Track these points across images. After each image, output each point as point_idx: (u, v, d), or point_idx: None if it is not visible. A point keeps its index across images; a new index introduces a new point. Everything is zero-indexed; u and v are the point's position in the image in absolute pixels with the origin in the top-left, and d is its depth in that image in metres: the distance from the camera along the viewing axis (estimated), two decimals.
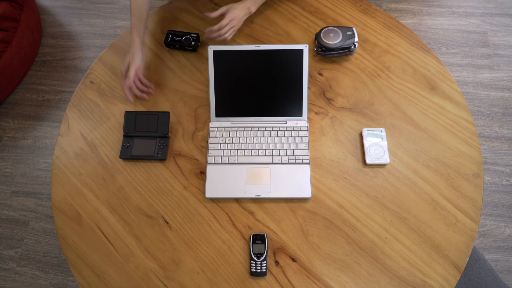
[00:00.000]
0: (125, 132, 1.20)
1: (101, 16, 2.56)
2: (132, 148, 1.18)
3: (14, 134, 2.21)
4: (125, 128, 1.20)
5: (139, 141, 1.19)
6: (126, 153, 1.18)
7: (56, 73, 2.38)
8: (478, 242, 1.84)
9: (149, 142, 1.19)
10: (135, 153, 1.18)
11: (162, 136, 1.19)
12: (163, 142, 1.18)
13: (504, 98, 2.14)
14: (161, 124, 1.19)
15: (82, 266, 1.07)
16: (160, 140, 1.19)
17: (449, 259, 1.03)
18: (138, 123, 1.20)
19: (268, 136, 1.17)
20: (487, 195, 1.93)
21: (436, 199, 1.10)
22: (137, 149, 1.18)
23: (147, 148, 1.18)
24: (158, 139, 1.19)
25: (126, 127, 1.20)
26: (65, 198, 1.15)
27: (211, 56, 1.16)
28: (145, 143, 1.19)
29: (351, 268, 1.03)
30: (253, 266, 1.02)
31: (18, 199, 2.04)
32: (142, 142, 1.19)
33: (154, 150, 1.18)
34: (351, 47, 1.25)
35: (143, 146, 1.18)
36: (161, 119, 1.20)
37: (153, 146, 1.18)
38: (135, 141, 1.19)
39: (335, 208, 1.10)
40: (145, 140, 1.19)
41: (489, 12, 2.41)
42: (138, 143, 1.19)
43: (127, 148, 1.18)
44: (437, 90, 1.24)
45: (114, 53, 1.36)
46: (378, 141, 1.16)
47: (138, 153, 1.18)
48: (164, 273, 1.05)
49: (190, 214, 1.11)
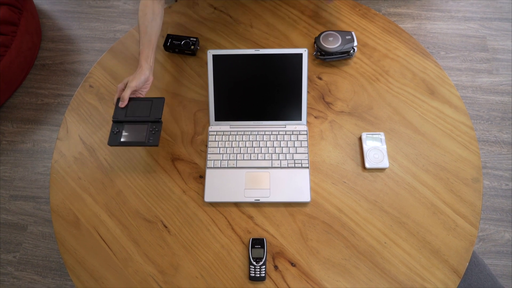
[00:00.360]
0: (115, 117, 1.11)
1: (100, 20, 2.57)
2: (122, 134, 1.09)
3: (13, 138, 2.21)
4: (115, 114, 1.11)
5: (130, 126, 1.10)
6: (115, 139, 1.09)
7: (55, 77, 2.38)
8: (477, 246, 1.84)
9: (140, 127, 1.10)
10: (124, 139, 1.09)
11: (155, 121, 1.11)
12: (155, 127, 1.10)
13: (503, 102, 2.15)
14: (154, 109, 1.11)
15: (80, 270, 1.07)
16: (152, 125, 1.10)
17: (448, 264, 1.02)
18: (130, 109, 1.12)
19: (268, 140, 1.17)
20: (486, 200, 1.93)
21: (436, 203, 1.09)
22: (127, 136, 1.09)
23: (138, 134, 1.09)
24: (150, 123, 1.10)
25: (116, 112, 1.11)
26: (64, 203, 1.15)
27: (210, 60, 1.16)
28: (136, 129, 1.10)
29: (350, 273, 1.03)
30: (252, 271, 1.02)
31: (17, 203, 2.04)
32: (133, 128, 1.10)
33: (145, 136, 1.08)
34: (350, 51, 1.26)
35: (133, 132, 1.09)
36: (155, 105, 1.12)
37: (144, 132, 1.09)
38: (125, 127, 1.10)
39: (334, 212, 1.10)
40: (136, 126, 1.10)
41: (488, 17, 2.42)
42: (128, 128, 1.10)
43: (116, 135, 1.09)
44: (436, 95, 1.24)
45: (113, 57, 1.36)
46: (377, 145, 1.16)
47: (128, 139, 1.09)
48: (163, 277, 1.05)
49: (189, 218, 1.11)
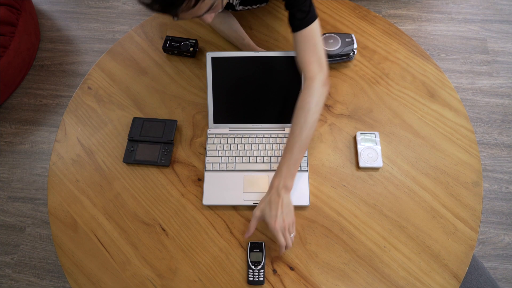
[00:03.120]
0: (130, 136, 1.19)
1: (99, 21, 2.56)
2: (136, 153, 1.18)
3: (11, 139, 2.20)
4: (130, 132, 1.20)
5: (144, 145, 1.19)
6: (130, 157, 1.17)
7: (54, 78, 2.37)
8: (477, 250, 1.83)
9: (153, 147, 1.18)
10: (139, 158, 1.17)
11: (167, 142, 1.19)
12: (167, 149, 1.18)
13: (503, 105, 2.14)
14: (167, 130, 1.19)
15: (78, 273, 1.06)
16: (164, 146, 1.18)
17: (448, 269, 1.02)
18: (144, 129, 1.20)
19: (266, 143, 1.16)
20: (486, 203, 1.92)
21: (435, 207, 1.09)
22: (141, 154, 1.17)
23: (151, 154, 1.17)
24: (163, 145, 1.18)
25: (132, 131, 1.20)
26: (62, 205, 1.14)
27: (209, 62, 1.15)
28: (149, 148, 1.18)
29: (349, 277, 1.02)
30: (250, 275, 1.01)
31: (15, 204, 2.03)
32: (147, 147, 1.18)
33: (158, 156, 1.17)
34: (350, 53, 1.25)
35: (147, 151, 1.18)
36: (167, 126, 1.20)
37: (157, 152, 1.17)
38: (139, 146, 1.18)
39: (333, 216, 1.09)
40: (150, 145, 1.18)
41: (489, 19, 2.41)
42: (142, 147, 1.18)
43: (131, 153, 1.18)
44: (436, 98, 1.23)
45: (112, 58, 1.36)
46: (371, 145, 1.15)
47: (141, 158, 1.17)
48: (161, 281, 1.04)
49: (188, 221, 1.10)
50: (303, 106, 1.01)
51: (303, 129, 1.00)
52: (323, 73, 1.04)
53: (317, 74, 1.03)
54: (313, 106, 1.01)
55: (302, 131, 1.00)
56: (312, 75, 1.03)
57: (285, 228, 0.95)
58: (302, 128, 1.00)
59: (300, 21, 1.01)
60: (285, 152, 1.02)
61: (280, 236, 0.94)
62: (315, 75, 1.03)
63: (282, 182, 0.98)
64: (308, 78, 1.03)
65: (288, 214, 0.97)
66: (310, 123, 1.01)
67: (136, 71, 1.33)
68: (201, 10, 0.83)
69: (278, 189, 0.97)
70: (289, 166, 0.99)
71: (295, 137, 1.00)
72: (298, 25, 1.02)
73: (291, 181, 1.00)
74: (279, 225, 0.94)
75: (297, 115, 1.02)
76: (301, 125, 1.00)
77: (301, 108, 1.01)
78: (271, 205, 0.96)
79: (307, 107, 1.01)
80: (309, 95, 1.02)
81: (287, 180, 0.99)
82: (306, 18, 1.00)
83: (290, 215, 0.98)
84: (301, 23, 1.01)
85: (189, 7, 0.79)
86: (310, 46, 1.03)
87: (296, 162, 1.00)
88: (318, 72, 1.03)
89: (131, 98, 1.28)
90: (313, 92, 1.02)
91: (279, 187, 0.98)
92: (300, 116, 1.01)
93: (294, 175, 1.01)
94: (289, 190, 0.99)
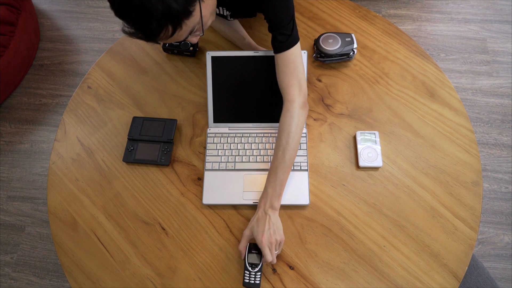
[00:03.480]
0: (130, 135, 1.19)
1: (99, 20, 2.56)
2: (136, 152, 1.18)
3: (11, 138, 2.20)
4: (130, 132, 1.20)
5: (143, 145, 1.19)
6: (130, 156, 1.18)
7: (54, 77, 2.37)
8: (476, 249, 1.83)
9: (153, 146, 1.18)
10: (138, 157, 1.17)
11: (167, 141, 1.19)
12: (167, 148, 1.18)
13: (503, 105, 2.14)
14: (166, 130, 1.19)
15: (77, 273, 1.06)
16: (164, 145, 1.18)
17: (447, 268, 1.02)
18: (144, 128, 1.20)
19: (266, 142, 1.16)
20: (486, 203, 1.92)
21: (435, 207, 1.09)
22: (141, 153, 1.18)
23: (151, 153, 1.18)
24: (162, 144, 1.19)
25: (131, 130, 1.20)
26: (61, 204, 1.14)
27: (209, 61, 1.15)
28: (149, 148, 1.18)
29: (349, 276, 1.02)
30: (246, 277, 0.99)
31: (14, 203, 2.03)
32: (146, 146, 1.18)
33: (158, 155, 1.17)
34: (350, 53, 1.25)
35: (147, 150, 1.18)
36: (167, 126, 1.20)
37: (156, 151, 1.18)
38: (139, 145, 1.19)
39: (333, 215, 1.09)
40: (149, 145, 1.19)
41: (488, 19, 2.41)
42: (142, 147, 1.18)
43: (131, 152, 1.18)
44: (436, 97, 1.23)
45: (112, 58, 1.36)
46: (371, 144, 1.15)
47: (141, 157, 1.17)
48: (161, 280, 1.04)
49: (187, 220, 1.10)
50: (284, 129, 1.05)
51: (286, 151, 1.03)
52: (302, 96, 1.07)
53: (296, 97, 1.06)
54: (294, 129, 1.04)
55: (284, 153, 1.03)
56: (292, 98, 1.06)
57: (272, 244, 0.98)
58: (285, 150, 1.03)
59: (282, 44, 1.03)
60: (269, 174, 1.05)
61: (266, 250, 0.97)
62: (294, 98, 1.06)
63: (269, 203, 1.02)
64: (288, 100, 1.07)
65: (276, 232, 1.00)
66: (292, 145, 1.04)
67: (136, 70, 1.33)
68: (180, 37, 0.88)
69: (265, 209, 1.01)
70: (275, 187, 1.03)
71: (278, 158, 1.04)
72: (280, 47, 1.04)
73: (277, 201, 1.03)
74: (266, 239, 0.97)
75: (279, 137, 1.06)
76: (283, 147, 1.04)
77: (282, 130, 1.05)
78: (259, 222, 1.00)
79: (287, 130, 1.04)
80: (289, 117, 1.05)
81: (273, 200, 1.02)
82: (287, 41, 1.03)
83: (279, 233, 1.01)
84: (283, 46, 1.04)
85: (168, 36, 0.84)
86: (290, 69, 1.05)
87: (281, 182, 1.03)
88: (297, 96, 1.07)
89: (131, 97, 1.28)
90: (292, 115, 1.05)
91: (266, 207, 1.01)
92: (282, 139, 1.04)
93: (281, 195, 1.04)
94: (276, 209, 1.03)
